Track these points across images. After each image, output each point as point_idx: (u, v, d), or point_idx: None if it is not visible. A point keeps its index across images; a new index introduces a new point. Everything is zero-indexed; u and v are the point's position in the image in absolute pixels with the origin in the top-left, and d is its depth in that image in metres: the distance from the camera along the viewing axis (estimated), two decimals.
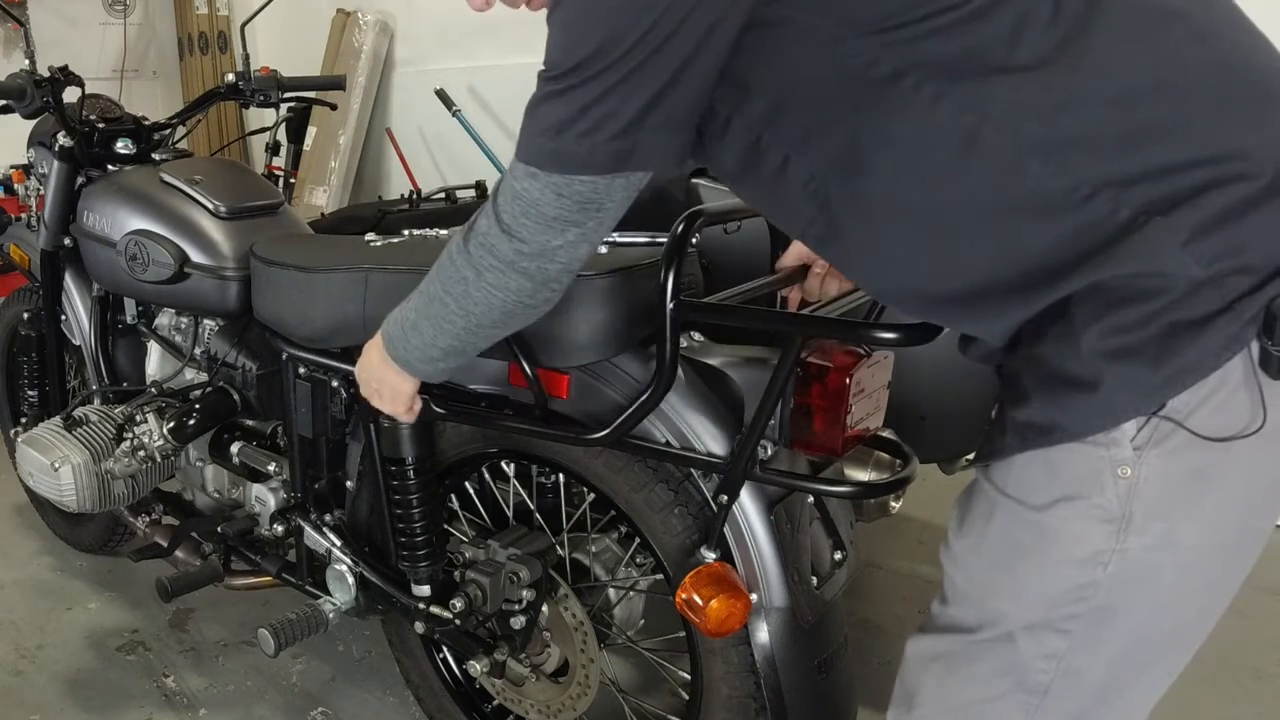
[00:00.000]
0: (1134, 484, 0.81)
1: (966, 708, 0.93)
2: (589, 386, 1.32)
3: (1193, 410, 0.79)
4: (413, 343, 1.15)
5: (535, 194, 0.92)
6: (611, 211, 0.94)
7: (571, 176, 0.90)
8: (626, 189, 0.92)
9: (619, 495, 1.36)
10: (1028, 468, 0.86)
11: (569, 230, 0.94)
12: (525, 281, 1.00)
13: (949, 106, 0.80)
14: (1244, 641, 2.02)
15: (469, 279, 1.03)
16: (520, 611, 1.48)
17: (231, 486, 1.91)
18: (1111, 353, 0.79)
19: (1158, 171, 0.77)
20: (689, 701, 1.43)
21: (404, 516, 1.51)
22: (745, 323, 1.19)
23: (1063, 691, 0.89)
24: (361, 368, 1.30)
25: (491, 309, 1.04)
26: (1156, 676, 0.90)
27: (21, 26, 2.05)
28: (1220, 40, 0.81)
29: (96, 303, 2.06)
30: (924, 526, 2.68)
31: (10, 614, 2.30)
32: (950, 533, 0.96)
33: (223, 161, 2.08)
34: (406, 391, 1.27)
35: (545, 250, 0.96)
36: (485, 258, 1.00)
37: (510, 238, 0.97)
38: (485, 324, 1.07)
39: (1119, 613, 0.85)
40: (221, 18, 5.27)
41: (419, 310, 1.13)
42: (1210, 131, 0.77)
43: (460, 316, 1.07)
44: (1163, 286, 0.76)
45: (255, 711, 1.95)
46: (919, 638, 0.99)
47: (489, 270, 1.00)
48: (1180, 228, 0.76)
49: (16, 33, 4.55)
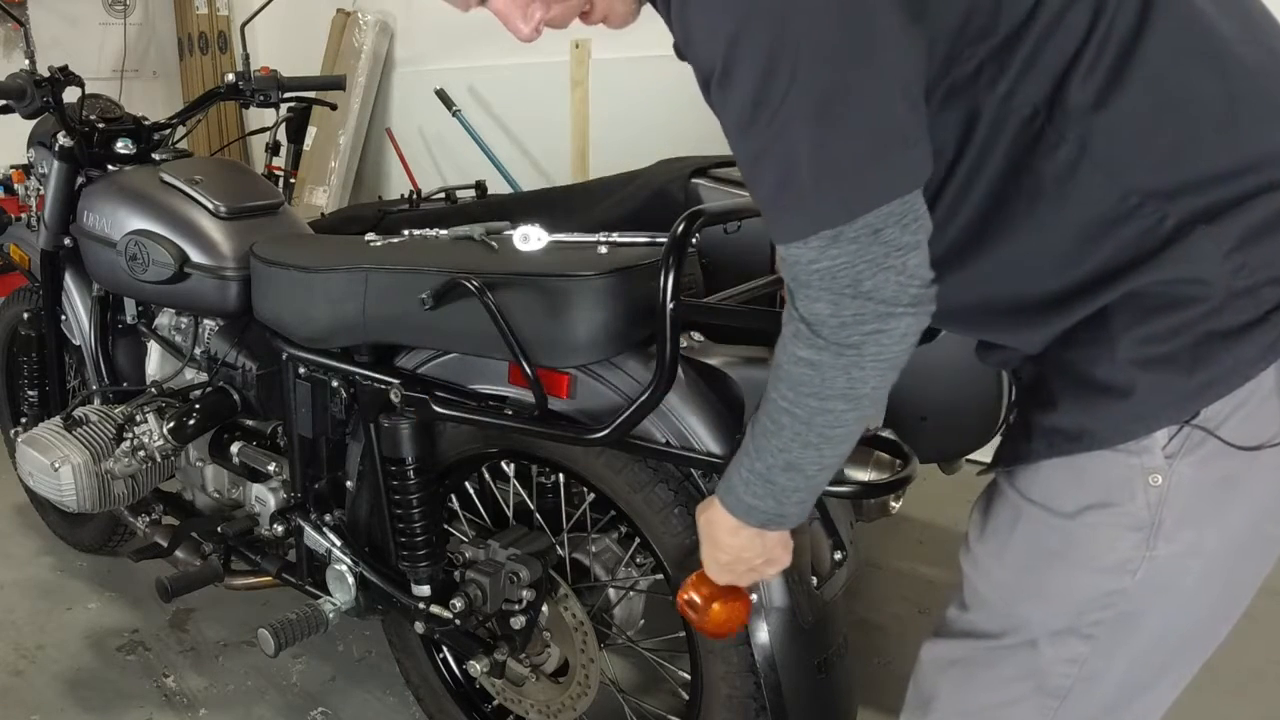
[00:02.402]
0: (1165, 492, 0.81)
1: (983, 712, 0.93)
2: (589, 386, 1.32)
3: (1224, 419, 0.79)
4: (789, 493, 0.92)
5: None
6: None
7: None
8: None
9: (619, 495, 1.36)
10: (1054, 474, 0.86)
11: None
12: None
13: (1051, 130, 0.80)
14: (1244, 641, 2.02)
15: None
16: (520, 611, 1.47)
17: (231, 486, 1.91)
18: (1146, 360, 0.79)
19: (1205, 180, 0.77)
20: (689, 701, 1.43)
21: (404, 516, 1.51)
22: (745, 323, 1.19)
23: (1082, 695, 0.89)
24: (726, 566, 1.04)
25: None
26: (1173, 680, 0.91)
27: (21, 26, 2.04)
28: (1260, 48, 0.81)
29: (96, 303, 2.06)
30: (924, 526, 2.68)
31: (10, 614, 2.30)
32: (971, 537, 0.96)
33: (223, 161, 2.08)
34: (781, 541, 1.04)
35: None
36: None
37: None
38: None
39: (1143, 618, 0.85)
40: (221, 18, 5.27)
41: (776, 454, 0.89)
42: (1255, 139, 0.78)
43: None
44: (1200, 295, 0.77)
45: (255, 711, 1.95)
46: (935, 642, 0.99)
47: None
48: (1224, 236, 0.76)
49: (16, 33, 4.54)
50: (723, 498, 0.96)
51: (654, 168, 2.26)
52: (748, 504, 0.94)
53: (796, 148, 0.76)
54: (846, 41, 0.74)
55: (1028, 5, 0.78)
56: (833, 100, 0.74)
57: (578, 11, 0.95)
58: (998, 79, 0.79)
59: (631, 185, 2.24)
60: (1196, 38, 0.79)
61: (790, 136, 0.76)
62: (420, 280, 1.38)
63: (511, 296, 1.29)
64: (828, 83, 0.74)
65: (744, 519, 0.95)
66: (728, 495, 0.96)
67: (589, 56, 3.66)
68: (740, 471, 0.93)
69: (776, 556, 1.03)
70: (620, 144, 3.51)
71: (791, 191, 0.77)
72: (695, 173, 2.09)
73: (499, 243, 1.45)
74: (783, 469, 0.89)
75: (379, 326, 1.48)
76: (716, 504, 0.98)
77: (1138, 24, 0.78)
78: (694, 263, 1.57)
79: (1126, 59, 0.78)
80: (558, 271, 1.27)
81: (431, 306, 1.33)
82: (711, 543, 1.02)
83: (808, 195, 0.77)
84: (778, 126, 0.76)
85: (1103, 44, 0.78)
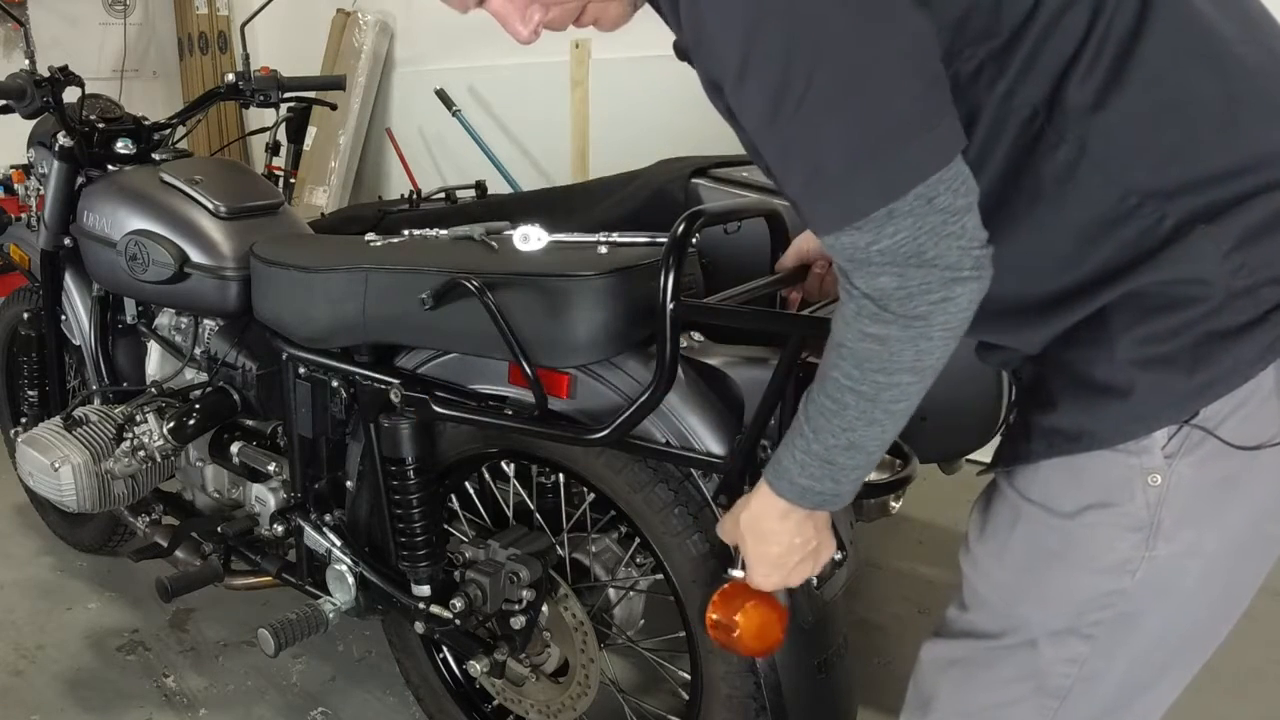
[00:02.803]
0: (1164, 492, 0.81)
1: (983, 712, 0.94)
2: (589, 386, 1.32)
3: (1224, 419, 0.79)
4: (848, 471, 0.91)
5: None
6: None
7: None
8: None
9: (619, 495, 1.36)
10: (1053, 474, 0.86)
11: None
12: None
13: (1050, 132, 0.80)
14: (1244, 641, 2.01)
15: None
16: (520, 611, 1.47)
17: (231, 486, 1.91)
18: (1146, 361, 0.79)
19: (1204, 180, 0.77)
20: (689, 701, 1.43)
21: (404, 516, 1.51)
22: (745, 323, 1.19)
23: (1082, 695, 0.89)
24: (778, 561, 1.01)
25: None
26: (1173, 680, 0.91)
27: (21, 26, 2.04)
28: (1259, 49, 0.81)
29: (96, 303, 2.06)
30: (924, 526, 2.68)
31: (10, 614, 2.30)
32: (970, 538, 0.96)
33: (223, 161, 2.08)
34: (826, 522, 1.03)
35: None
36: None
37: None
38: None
39: (1143, 618, 0.85)
40: (221, 18, 5.27)
41: (838, 434, 0.88)
42: (1254, 140, 0.78)
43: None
44: (1200, 295, 0.77)
45: (255, 711, 1.95)
46: (934, 643, 0.99)
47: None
48: (1224, 236, 0.76)
49: (16, 33, 4.54)
50: (774, 482, 0.95)
51: (654, 168, 2.26)
52: (802, 486, 0.92)
53: (825, 136, 0.75)
54: (864, 24, 0.73)
55: (1027, 6, 0.78)
56: (856, 84, 0.74)
57: (576, 14, 0.95)
58: (997, 79, 0.79)
59: (631, 185, 2.24)
60: (1195, 38, 0.79)
61: (817, 125, 0.75)
62: (420, 280, 1.38)
63: (511, 296, 1.29)
64: (849, 67, 0.74)
65: (798, 502, 0.94)
66: (779, 479, 0.94)
67: (589, 56, 3.66)
68: (794, 454, 0.91)
69: (825, 540, 1.02)
70: (620, 144, 3.51)
71: (824, 181, 0.77)
72: (695, 173, 2.09)
73: (499, 243, 1.45)
74: (844, 448, 0.88)
75: (379, 326, 1.48)
76: (761, 493, 0.97)
77: (1136, 25, 0.78)
78: (694, 263, 1.56)
79: (1125, 60, 0.78)
80: (558, 271, 1.28)
81: (431, 306, 1.34)
82: (758, 538, 1.00)
83: (841, 183, 0.76)
84: (804, 116, 0.75)
85: (1101, 45, 0.78)
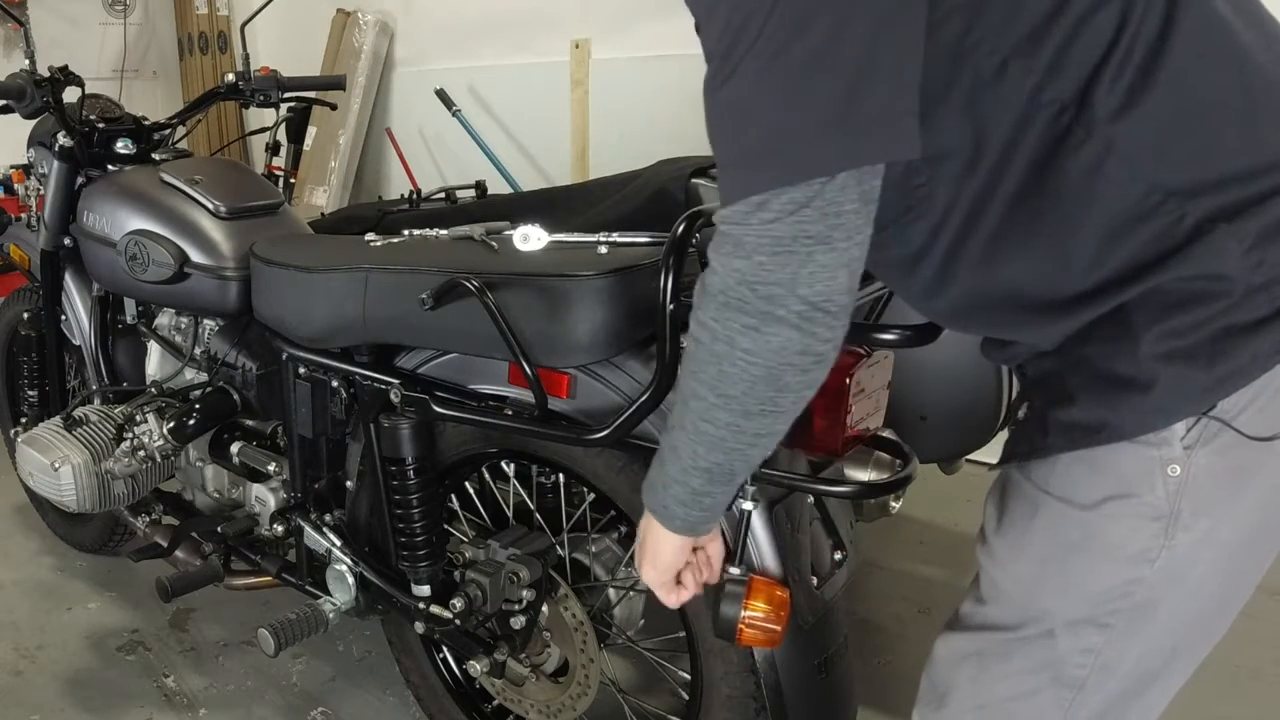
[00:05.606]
0: (1183, 482, 0.83)
1: (1000, 704, 0.94)
2: (589, 386, 1.32)
3: (1240, 410, 0.81)
4: (670, 473, 0.94)
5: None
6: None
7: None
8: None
9: (619, 495, 1.37)
10: (1072, 467, 0.87)
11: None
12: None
13: (1078, 131, 0.80)
14: (1244, 641, 2.02)
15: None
16: (520, 611, 1.48)
17: (231, 486, 1.91)
18: (1167, 355, 0.80)
19: (1225, 179, 0.79)
20: (689, 701, 1.43)
21: (404, 516, 1.51)
22: None
23: (1097, 686, 0.90)
24: (646, 551, 1.06)
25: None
26: (1180, 669, 0.92)
27: (21, 26, 2.04)
28: (1277, 60, 0.83)
29: (96, 303, 2.06)
30: (924, 526, 2.68)
31: (10, 614, 2.30)
32: (987, 531, 0.97)
33: (223, 161, 2.08)
34: (667, 550, 1.02)
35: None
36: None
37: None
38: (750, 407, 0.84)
39: (1158, 606, 0.87)
40: (221, 18, 5.27)
41: (674, 430, 0.91)
42: (1274, 141, 0.79)
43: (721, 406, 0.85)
44: (1221, 290, 0.78)
45: (255, 711, 1.95)
46: (950, 636, 1.00)
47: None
48: (1244, 234, 0.78)
49: (16, 33, 4.54)
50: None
51: (654, 168, 2.26)
52: (649, 480, 1.01)
53: (752, 107, 0.76)
54: (823, 11, 0.73)
55: (1051, 1, 0.78)
56: (794, 65, 0.73)
57: None
58: (1024, 76, 0.80)
59: (631, 185, 2.24)
60: (1219, 41, 0.81)
61: (746, 96, 0.76)
62: (420, 280, 1.38)
63: (511, 296, 1.29)
64: (792, 49, 0.73)
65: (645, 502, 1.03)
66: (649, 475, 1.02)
67: (589, 56, 3.66)
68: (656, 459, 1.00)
69: (653, 554, 1.05)
70: (620, 144, 3.51)
71: (738, 151, 0.78)
72: (695, 173, 2.09)
73: (499, 243, 1.45)
74: (668, 446, 0.95)
75: (379, 326, 1.48)
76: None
77: (1164, 26, 0.79)
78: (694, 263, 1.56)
79: (1154, 60, 0.79)
80: (558, 271, 1.28)
81: (431, 307, 1.34)
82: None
83: (749, 158, 0.76)
84: (735, 83, 0.76)
85: (1132, 45, 0.79)
